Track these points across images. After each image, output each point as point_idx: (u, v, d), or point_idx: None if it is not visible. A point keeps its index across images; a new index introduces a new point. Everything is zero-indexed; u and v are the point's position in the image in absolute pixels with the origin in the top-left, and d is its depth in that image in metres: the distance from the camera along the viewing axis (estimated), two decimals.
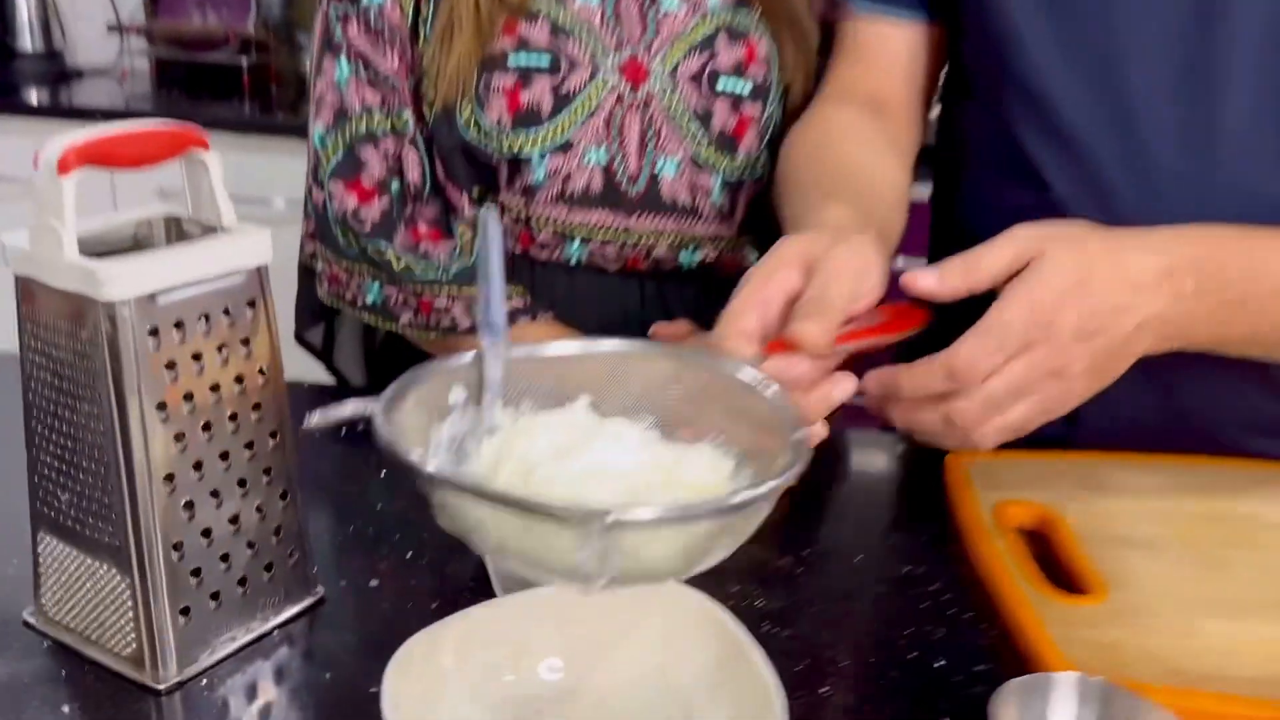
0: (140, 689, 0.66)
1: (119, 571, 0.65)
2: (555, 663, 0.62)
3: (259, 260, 0.67)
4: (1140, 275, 0.68)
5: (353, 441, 0.95)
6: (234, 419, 0.67)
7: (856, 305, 0.67)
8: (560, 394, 0.62)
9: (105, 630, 0.67)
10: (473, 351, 0.61)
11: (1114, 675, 0.66)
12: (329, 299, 1.02)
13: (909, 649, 0.71)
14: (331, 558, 0.79)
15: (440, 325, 0.97)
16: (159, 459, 0.64)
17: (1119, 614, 0.73)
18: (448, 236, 0.97)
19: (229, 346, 0.66)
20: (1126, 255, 0.69)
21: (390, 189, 0.95)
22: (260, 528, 0.70)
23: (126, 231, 0.70)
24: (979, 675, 0.69)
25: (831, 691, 0.67)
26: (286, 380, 1.01)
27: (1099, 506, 0.85)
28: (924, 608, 0.76)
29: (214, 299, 0.65)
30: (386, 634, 0.71)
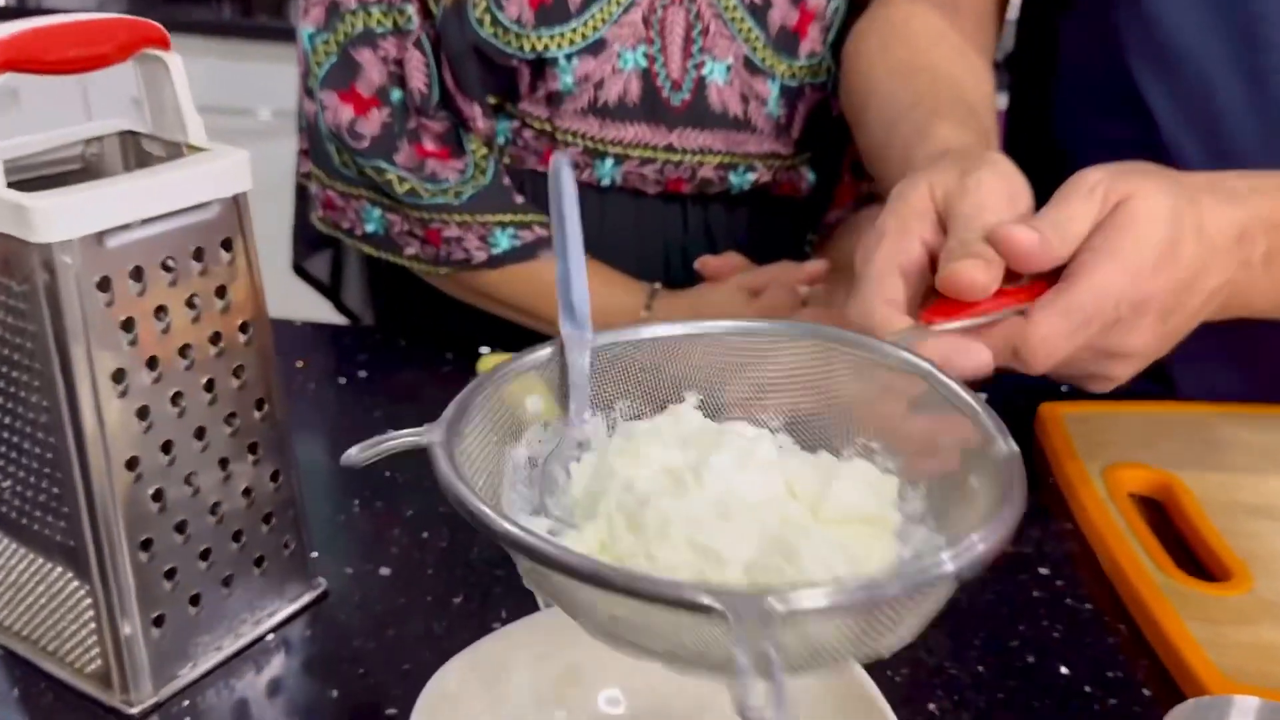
0: (109, 712, 0.55)
1: (76, 576, 0.54)
2: (614, 694, 0.50)
3: (236, 188, 0.54)
4: (1217, 234, 0.57)
5: (353, 390, 0.83)
6: (210, 387, 0.55)
7: None
8: (660, 392, 0.48)
9: (65, 643, 0.56)
10: (548, 346, 0.48)
11: (1275, 685, 0.55)
12: (324, 226, 0.89)
13: (1025, 652, 0.60)
14: (333, 540, 0.67)
15: (451, 259, 0.84)
16: (118, 440, 0.51)
17: (1270, 606, 0.62)
18: (458, 154, 0.83)
19: (200, 297, 0.54)
20: (1205, 208, 0.57)
21: (390, 98, 0.81)
22: (247, 515, 0.58)
23: (72, 153, 0.57)
24: (1112, 685, 0.58)
25: (940, 710, 0.56)
26: (279, 318, 0.90)
27: (1218, 468, 0.73)
28: (1037, 598, 0.64)
29: (180, 238, 0.52)
30: (401, 636, 0.60)
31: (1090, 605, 0.64)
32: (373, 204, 0.84)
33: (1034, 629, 0.62)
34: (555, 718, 0.50)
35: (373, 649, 0.59)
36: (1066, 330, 0.53)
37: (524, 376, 0.47)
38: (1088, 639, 0.61)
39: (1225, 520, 0.69)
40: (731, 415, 0.48)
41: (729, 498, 0.42)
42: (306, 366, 0.86)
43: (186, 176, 0.52)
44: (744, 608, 0.33)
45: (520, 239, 0.84)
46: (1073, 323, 0.53)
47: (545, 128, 0.83)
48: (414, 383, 0.85)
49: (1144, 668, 0.60)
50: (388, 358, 0.88)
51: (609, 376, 0.48)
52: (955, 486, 0.43)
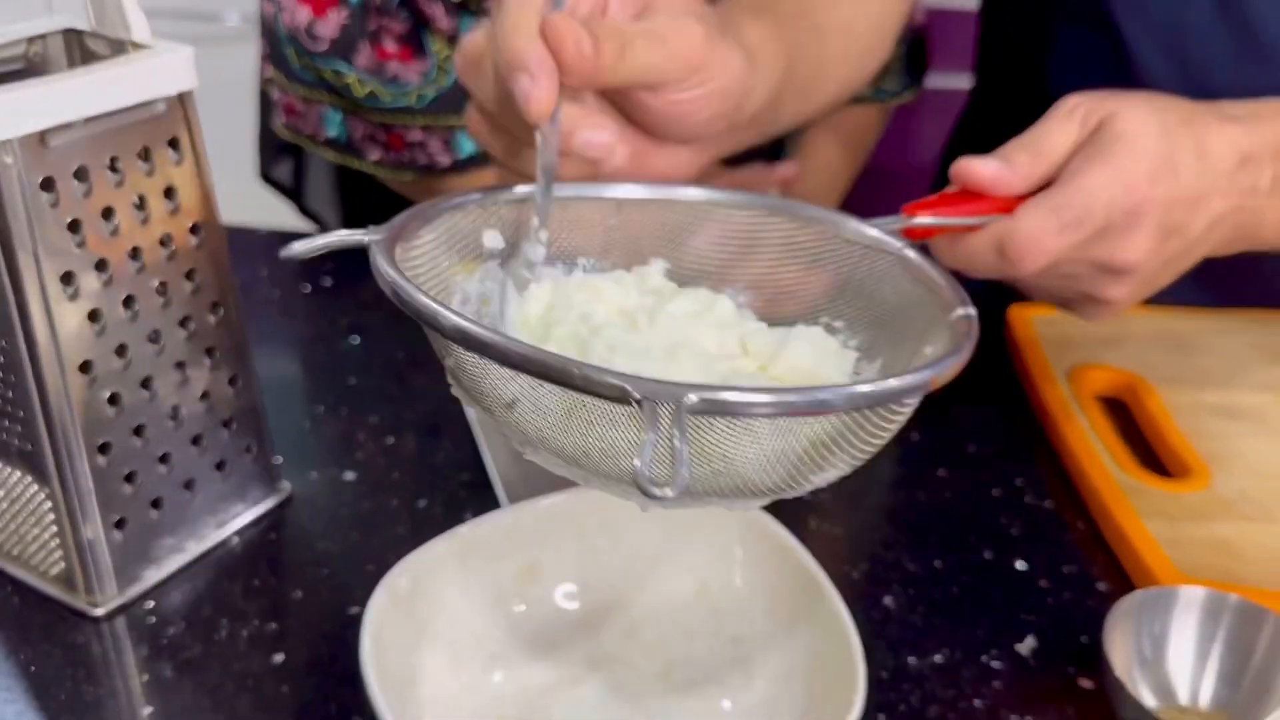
0: (75, 615, 0.55)
1: (35, 480, 0.54)
2: (571, 589, 0.51)
3: (180, 85, 0.53)
4: (1219, 157, 0.54)
5: (318, 298, 0.83)
6: (163, 289, 0.54)
7: None
8: (624, 253, 0.47)
9: (27, 546, 0.56)
10: (515, 186, 0.46)
11: (1229, 578, 0.56)
12: (286, 132, 0.87)
13: (983, 547, 0.61)
14: (298, 446, 0.67)
15: (415, 163, 0.83)
16: (70, 344, 0.51)
17: (1227, 503, 0.62)
18: (419, 55, 0.81)
19: (148, 198, 0.53)
20: (1205, 128, 0.55)
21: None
22: (206, 419, 0.57)
23: (14, 52, 0.56)
24: (1068, 579, 0.59)
25: (896, 603, 0.57)
26: (245, 227, 0.89)
27: (1184, 370, 0.74)
28: (997, 496, 0.65)
29: (124, 137, 0.51)
30: (366, 540, 0.60)
31: (1050, 503, 0.65)
32: (334, 108, 0.83)
33: (993, 526, 0.63)
34: (515, 612, 0.51)
35: (337, 551, 0.59)
36: (1055, 227, 0.51)
37: (489, 209, 0.47)
38: (1046, 536, 0.62)
39: (1189, 421, 0.69)
40: (696, 284, 0.47)
41: (680, 342, 0.41)
42: (269, 275, 0.85)
43: (129, 74, 0.51)
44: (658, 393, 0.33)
45: None
46: (1061, 220, 0.51)
47: None
48: (380, 292, 0.83)
49: (1100, 563, 0.60)
50: (353, 265, 0.86)
51: (574, 232, 0.48)
52: (911, 355, 0.43)
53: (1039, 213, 0.52)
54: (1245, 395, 0.71)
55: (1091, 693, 0.52)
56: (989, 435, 0.70)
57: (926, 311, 0.44)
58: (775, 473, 0.38)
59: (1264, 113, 0.57)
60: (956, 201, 0.53)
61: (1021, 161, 0.53)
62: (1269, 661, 0.50)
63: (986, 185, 0.52)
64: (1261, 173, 0.56)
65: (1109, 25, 0.77)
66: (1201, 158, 0.54)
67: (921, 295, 0.44)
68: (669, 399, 0.33)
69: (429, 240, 0.44)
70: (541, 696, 0.49)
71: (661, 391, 0.33)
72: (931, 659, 0.54)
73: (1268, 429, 0.68)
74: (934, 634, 0.55)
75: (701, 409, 0.33)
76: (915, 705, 0.51)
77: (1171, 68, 0.76)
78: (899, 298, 0.46)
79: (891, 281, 0.46)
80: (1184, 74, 0.75)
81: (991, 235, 0.52)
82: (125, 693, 0.52)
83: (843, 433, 0.38)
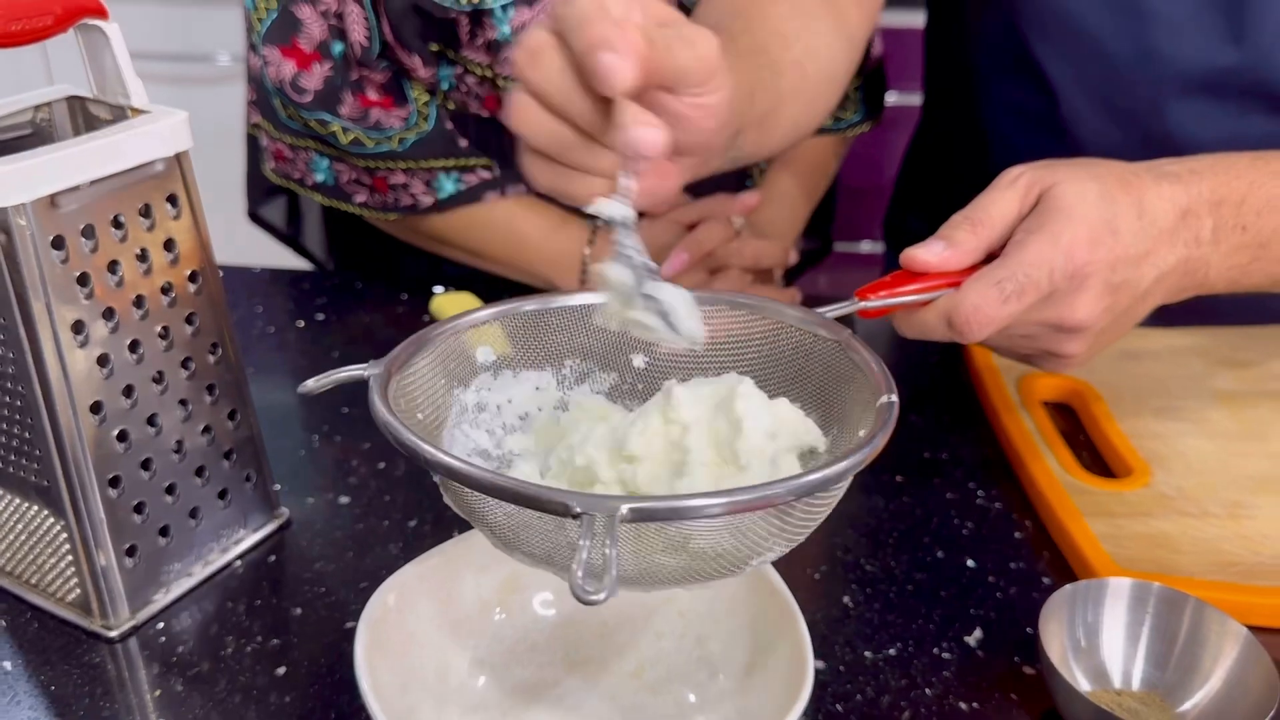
0: (91, 637, 0.59)
1: (51, 513, 0.58)
2: (548, 597, 0.55)
3: (177, 146, 0.57)
4: (1159, 216, 0.58)
5: (311, 331, 0.87)
6: (165, 334, 0.59)
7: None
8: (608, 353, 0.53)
9: (45, 575, 0.60)
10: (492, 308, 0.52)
11: (1166, 570, 0.61)
12: (276, 178, 0.92)
13: (935, 547, 0.65)
14: (295, 473, 0.71)
15: (399, 205, 0.87)
16: (81, 386, 0.55)
17: (1165, 499, 0.67)
18: (401, 103, 0.86)
19: (150, 250, 0.57)
20: (1144, 191, 0.58)
21: (332, 52, 0.84)
22: (208, 452, 0.62)
23: (22, 119, 0.60)
24: (1014, 575, 0.63)
25: (854, 602, 0.61)
26: (239, 265, 0.93)
27: (1129, 375, 0.78)
28: (949, 499, 0.69)
29: (126, 196, 0.56)
30: (360, 558, 0.64)
31: (1000, 504, 0.69)
32: (320, 154, 0.87)
33: (945, 527, 0.67)
34: (496, 619, 0.55)
35: (333, 570, 0.64)
36: (998, 298, 0.55)
37: (479, 327, 0.52)
38: (995, 535, 0.66)
39: (1132, 423, 0.74)
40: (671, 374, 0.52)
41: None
42: (265, 311, 0.90)
43: (130, 138, 0.56)
44: (593, 506, 0.38)
45: (465, 183, 0.87)
46: (1004, 292, 0.55)
47: (487, 74, 0.86)
48: (369, 324, 0.88)
49: (1046, 559, 0.65)
50: (344, 300, 0.91)
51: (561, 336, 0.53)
52: (851, 438, 0.48)
53: (982, 286, 0.55)
54: (1187, 400, 0.76)
55: (1034, 679, 0.57)
56: (943, 442, 0.74)
57: (863, 395, 0.48)
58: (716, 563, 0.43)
59: (1199, 168, 0.61)
60: (907, 280, 0.57)
61: (964, 238, 0.56)
62: (1192, 643, 0.54)
63: (934, 268, 0.56)
64: (1202, 225, 0.59)
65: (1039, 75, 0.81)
66: (1141, 217, 0.58)
67: (861, 382, 0.49)
68: (603, 510, 0.38)
69: (425, 364, 0.50)
70: (524, 696, 0.54)
71: (596, 504, 0.38)
72: (886, 652, 0.58)
73: (1207, 430, 0.73)
74: (888, 629, 0.60)
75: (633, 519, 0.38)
76: (870, 695, 0.56)
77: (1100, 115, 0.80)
78: (841, 381, 0.50)
79: (833, 368, 0.51)
80: (1113, 121, 0.79)
81: (940, 309, 0.56)
82: (139, 708, 0.56)
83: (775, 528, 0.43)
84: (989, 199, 0.58)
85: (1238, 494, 0.67)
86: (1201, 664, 0.54)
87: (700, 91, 0.51)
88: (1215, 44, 0.75)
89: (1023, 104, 0.84)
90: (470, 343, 0.52)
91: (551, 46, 0.48)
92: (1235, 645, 0.53)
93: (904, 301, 0.56)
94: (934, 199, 1.01)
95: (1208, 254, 0.60)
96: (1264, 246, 0.61)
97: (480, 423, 0.52)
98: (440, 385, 0.51)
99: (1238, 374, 0.78)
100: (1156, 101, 0.78)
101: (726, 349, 0.53)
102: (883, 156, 1.25)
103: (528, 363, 0.53)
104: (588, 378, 0.54)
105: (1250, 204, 0.60)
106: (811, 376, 0.51)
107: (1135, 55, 0.78)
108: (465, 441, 0.51)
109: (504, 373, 0.53)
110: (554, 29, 0.48)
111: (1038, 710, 0.55)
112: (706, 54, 0.50)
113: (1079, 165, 0.59)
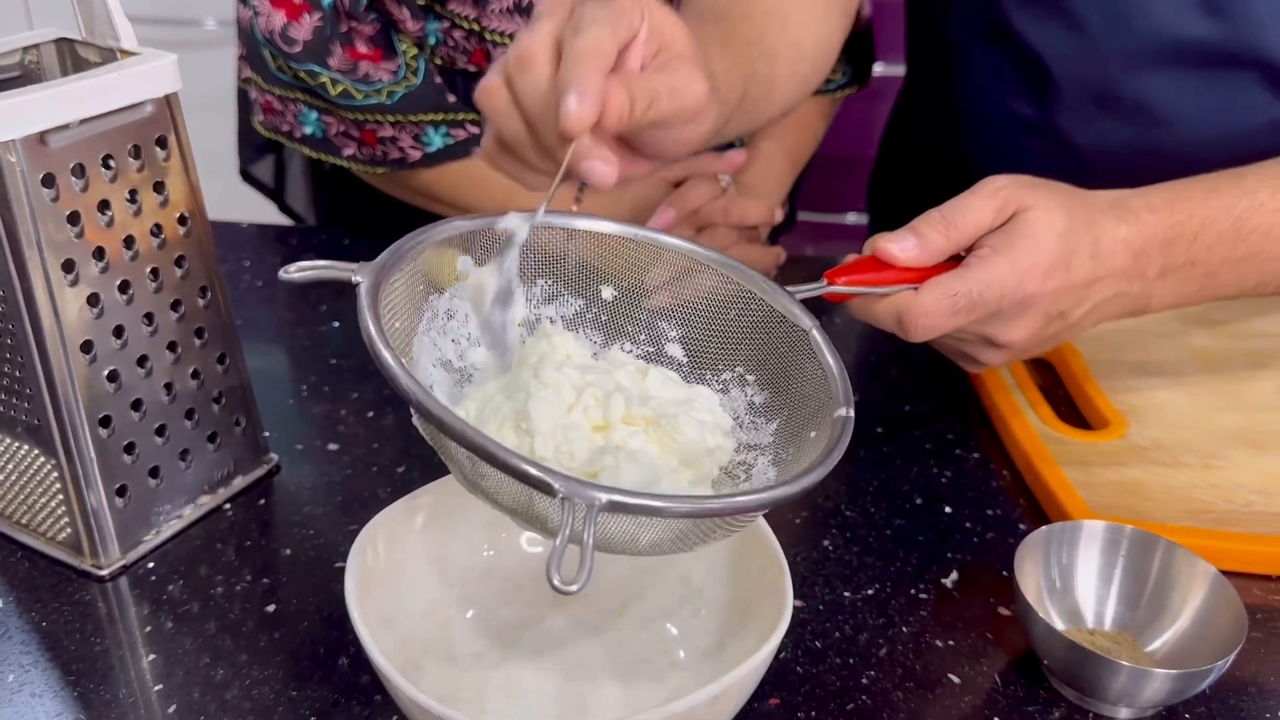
0: (81, 575, 0.60)
1: (42, 452, 0.58)
2: (535, 534, 0.56)
3: (166, 88, 0.58)
4: (1111, 255, 0.60)
5: (299, 285, 0.87)
6: (155, 275, 0.59)
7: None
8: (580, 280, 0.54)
9: (36, 514, 0.61)
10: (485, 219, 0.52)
11: (1139, 517, 0.62)
12: (265, 130, 0.92)
13: (914, 495, 0.67)
14: (284, 420, 0.72)
15: (387, 158, 0.88)
16: (72, 326, 0.56)
17: (1139, 449, 0.68)
18: (390, 56, 0.86)
19: (140, 191, 0.58)
20: (1102, 230, 0.60)
21: (322, 4, 0.84)
22: (198, 395, 0.63)
23: (11, 61, 0.60)
24: (991, 521, 0.65)
25: (833, 545, 0.63)
26: (229, 221, 0.93)
27: (1109, 332, 0.79)
28: (929, 449, 0.70)
29: (117, 137, 0.56)
30: (349, 502, 0.65)
31: (978, 455, 0.70)
32: (309, 107, 0.87)
33: (924, 475, 0.68)
34: (484, 556, 0.56)
35: (322, 513, 0.64)
36: (948, 310, 0.57)
37: (463, 237, 0.52)
38: (973, 484, 0.68)
39: (1109, 378, 0.75)
40: (640, 312, 0.54)
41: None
42: (253, 265, 0.90)
43: (120, 78, 0.56)
44: (575, 491, 0.39)
45: (453, 137, 0.87)
46: (956, 305, 0.57)
47: (474, 27, 0.86)
48: None
49: (1023, 507, 0.66)
50: (332, 255, 0.90)
51: (537, 256, 0.54)
52: (798, 433, 0.49)
53: (938, 295, 0.57)
54: (1163, 356, 0.77)
55: (1009, 619, 0.58)
56: (924, 395, 0.75)
57: (819, 394, 0.50)
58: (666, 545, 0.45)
59: (1158, 204, 0.62)
60: (874, 268, 0.58)
61: (935, 238, 0.58)
62: (1162, 584, 0.56)
63: (901, 263, 0.58)
64: (1151, 263, 0.62)
65: (1016, 43, 0.82)
66: (1094, 257, 0.60)
67: (819, 377, 0.50)
68: (583, 499, 0.39)
69: (408, 271, 0.50)
70: (511, 630, 0.55)
71: (579, 491, 0.39)
72: (864, 592, 0.59)
73: (1180, 383, 0.74)
74: (867, 571, 0.61)
75: (611, 509, 0.40)
76: (849, 632, 0.57)
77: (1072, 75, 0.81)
78: (801, 372, 0.51)
79: (797, 355, 0.52)
80: (1084, 81, 0.80)
81: (893, 305, 0.58)
82: (129, 644, 0.56)
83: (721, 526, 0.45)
84: (967, 204, 0.59)
85: (1211, 446, 0.68)
86: (1171, 603, 0.55)
87: (683, 130, 0.54)
88: (1187, 14, 0.76)
89: (999, 72, 0.85)
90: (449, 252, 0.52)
91: (545, 60, 0.51)
92: (1204, 585, 0.54)
93: (868, 291, 0.58)
94: (915, 170, 1.02)
95: (1151, 289, 0.63)
96: (1211, 277, 0.63)
97: (448, 330, 0.52)
98: (419, 291, 0.51)
99: (1213, 331, 0.79)
100: (1129, 71, 0.79)
101: (701, 311, 0.54)
102: (869, 128, 1.25)
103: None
104: (555, 299, 0.55)
105: (1202, 239, 0.62)
106: (771, 358, 0.53)
107: (1107, 25, 0.79)
108: (432, 350, 0.51)
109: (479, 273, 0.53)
110: (554, 40, 0.51)
111: (1014, 650, 0.56)
112: (691, 103, 0.53)
113: (1055, 192, 0.60)
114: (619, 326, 0.55)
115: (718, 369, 0.54)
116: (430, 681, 0.52)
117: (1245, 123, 0.78)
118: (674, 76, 0.53)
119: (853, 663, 0.55)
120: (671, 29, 0.54)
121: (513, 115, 0.52)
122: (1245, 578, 0.60)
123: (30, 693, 0.53)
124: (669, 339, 0.55)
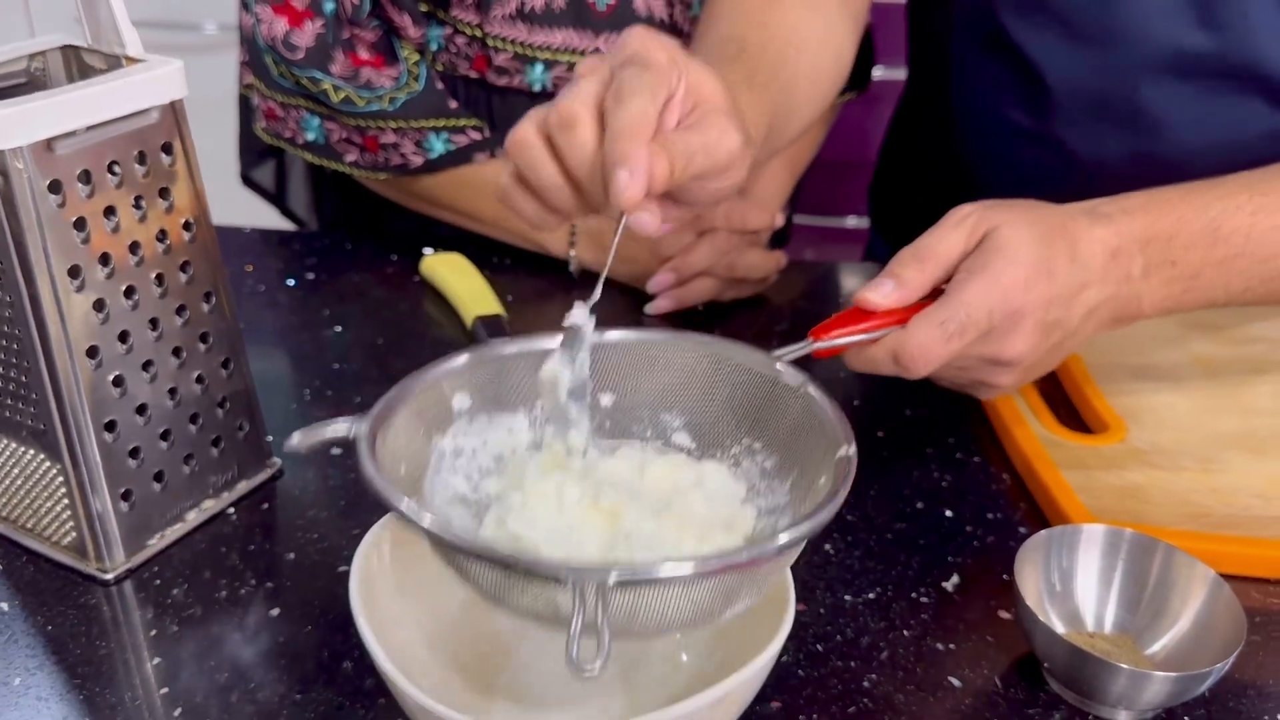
0: (86, 579, 0.60)
1: (48, 457, 0.59)
2: None
3: (172, 95, 0.58)
4: (1090, 257, 0.61)
5: (303, 291, 0.88)
6: (160, 281, 0.59)
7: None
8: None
9: (41, 519, 0.61)
10: (466, 354, 0.53)
11: (1138, 520, 0.62)
12: (267, 137, 0.92)
13: (915, 498, 0.67)
14: (288, 425, 0.71)
15: (389, 164, 0.88)
16: (78, 331, 0.56)
17: (1139, 453, 0.68)
18: (391, 62, 0.87)
19: (145, 197, 0.58)
20: (1079, 236, 0.61)
21: (323, 9, 0.84)
22: (203, 399, 0.63)
23: (17, 68, 0.61)
24: (991, 525, 0.65)
25: (835, 549, 0.63)
26: (231, 226, 0.94)
27: (1109, 338, 0.79)
28: (929, 453, 0.71)
29: (122, 143, 0.57)
30: (353, 506, 0.65)
31: (978, 459, 0.70)
32: (311, 113, 0.88)
33: (926, 479, 0.68)
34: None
35: (326, 517, 0.65)
36: (940, 338, 0.58)
37: (451, 376, 0.53)
38: (974, 488, 0.68)
39: (1108, 382, 0.75)
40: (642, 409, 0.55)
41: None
42: (255, 270, 0.90)
43: (126, 85, 0.56)
44: (582, 577, 0.40)
45: (454, 143, 0.88)
46: (946, 332, 0.58)
47: (476, 34, 0.87)
48: (360, 284, 0.89)
49: (1023, 510, 0.66)
50: (334, 260, 0.92)
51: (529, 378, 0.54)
52: (811, 485, 0.50)
53: (927, 326, 0.58)
54: (1163, 360, 0.77)
55: (1009, 622, 0.58)
56: (924, 400, 0.75)
57: (822, 443, 0.50)
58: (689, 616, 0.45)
59: (1132, 207, 0.63)
60: (858, 318, 0.59)
61: (911, 275, 0.59)
62: (1161, 587, 0.56)
63: (883, 308, 0.59)
64: (1133, 262, 0.62)
65: (1013, 52, 0.83)
66: (1074, 260, 0.60)
67: (819, 428, 0.51)
68: (594, 579, 0.40)
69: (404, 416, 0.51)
70: (515, 634, 0.55)
71: (587, 574, 0.40)
72: (865, 596, 0.60)
73: (1180, 387, 0.75)
74: (868, 574, 0.61)
75: (623, 581, 0.40)
76: (850, 636, 0.57)
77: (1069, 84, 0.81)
78: (802, 428, 0.52)
79: (795, 413, 0.52)
80: (1081, 90, 0.81)
81: (887, 347, 0.59)
82: (133, 647, 0.57)
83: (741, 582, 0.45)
84: (936, 237, 0.60)
85: (1210, 450, 0.69)
86: (1170, 607, 0.56)
87: (717, 182, 0.57)
88: (1183, 28, 0.76)
89: (998, 82, 0.85)
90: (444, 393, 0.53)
91: (589, 121, 0.54)
92: (1203, 588, 0.55)
93: (855, 340, 0.59)
94: (916, 174, 1.03)
95: (1139, 289, 0.63)
96: (1195, 278, 0.64)
97: (458, 468, 0.53)
98: (419, 436, 0.52)
99: (1212, 336, 0.80)
100: (1126, 82, 0.79)
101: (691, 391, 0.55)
102: (869, 132, 1.26)
103: (500, 406, 0.54)
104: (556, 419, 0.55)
105: (1179, 240, 0.63)
106: (772, 422, 0.53)
107: (1103, 36, 0.79)
108: (445, 489, 0.52)
109: (479, 417, 0.54)
110: (597, 101, 0.54)
111: (1014, 653, 0.56)
112: (725, 159, 0.57)
113: (1021, 209, 0.61)
114: (624, 427, 0.56)
115: (725, 445, 0.55)
116: (435, 684, 0.52)
117: (1241, 133, 0.78)
118: (708, 134, 0.56)
119: (854, 666, 0.55)
120: (706, 85, 0.57)
121: (549, 167, 0.55)
122: (1244, 581, 0.60)
123: (36, 696, 0.53)
124: (674, 429, 0.56)
